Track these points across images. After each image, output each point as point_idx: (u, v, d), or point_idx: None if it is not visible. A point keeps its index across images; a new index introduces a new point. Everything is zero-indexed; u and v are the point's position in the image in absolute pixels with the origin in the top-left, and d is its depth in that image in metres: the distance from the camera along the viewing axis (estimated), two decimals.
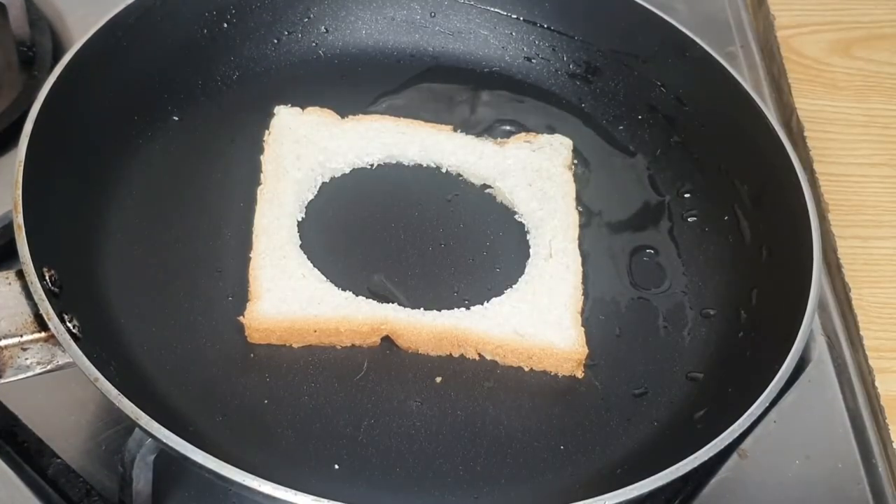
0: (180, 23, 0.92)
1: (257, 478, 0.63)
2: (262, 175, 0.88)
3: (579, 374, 0.81)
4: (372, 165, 0.92)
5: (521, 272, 0.86)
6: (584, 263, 0.86)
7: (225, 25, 0.95)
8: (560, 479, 0.76)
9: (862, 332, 0.89)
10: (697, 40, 0.94)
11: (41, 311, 0.69)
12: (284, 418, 0.76)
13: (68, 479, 0.76)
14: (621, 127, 0.98)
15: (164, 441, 0.65)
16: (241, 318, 0.79)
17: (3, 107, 0.96)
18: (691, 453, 0.69)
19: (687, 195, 0.94)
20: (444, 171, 0.93)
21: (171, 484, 0.77)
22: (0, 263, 0.83)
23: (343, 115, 0.94)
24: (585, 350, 0.81)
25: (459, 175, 0.92)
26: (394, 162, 0.93)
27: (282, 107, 0.93)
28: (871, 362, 0.88)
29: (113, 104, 0.87)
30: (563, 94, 1.00)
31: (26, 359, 0.70)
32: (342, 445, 0.75)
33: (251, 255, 0.83)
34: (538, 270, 0.85)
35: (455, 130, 0.95)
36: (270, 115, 0.92)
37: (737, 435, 0.71)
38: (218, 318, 0.80)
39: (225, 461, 0.64)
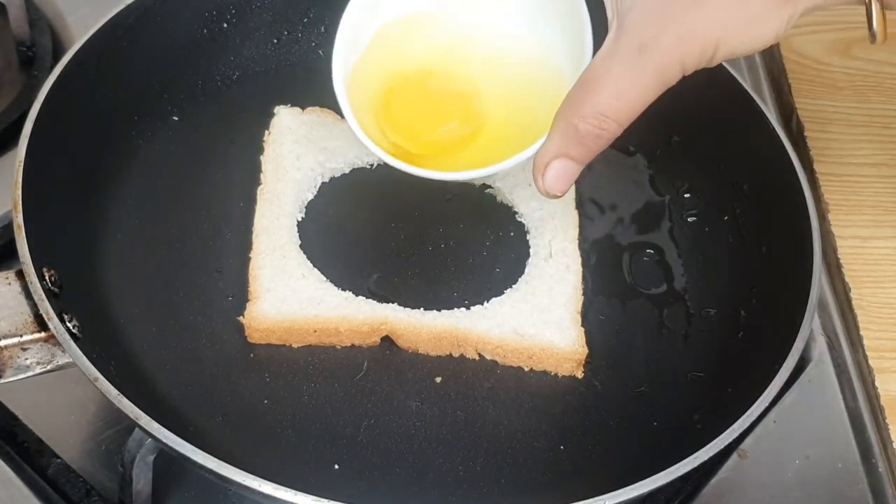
0: (180, 23, 0.92)
1: (257, 478, 0.63)
2: (262, 175, 0.88)
3: (579, 374, 0.81)
4: (372, 165, 0.92)
5: (521, 272, 0.85)
6: (584, 263, 0.87)
7: (225, 25, 0.95)
8: (560, 479, 0.76)
9: (862, 332, 0.89)
10: None
11: (41, 311, 0.69)
12: (284, 418, 0.76)
13: (68, 479, 0.76)
14: None
15: (164, 441, 0.65)
16: (241, 318, 0.79)
17: (3, 107, 0.96)
18: (691, 453, 0.69)
19: (687, 195, 0.94)
20: None
21: (171, 484, 0.77)
22: (0, 263, 0.83)
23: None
24: (585, 350, 0.81)
25: None
26: None
27: (282, 107, 0.93)
28: (871, 362, 0.88)
29: (113, 104, 0.87)
30: None
31: (26, 359, 0.70)
32: (342, 445, 0.75)
33: (251, 255, 0.83)
34: (538, 270, 0.85)
35: None
36: (270, 115, 0.92)
37: (737, 435, 0.71)
38: (218, 318, 0.80)
39: (225, 461, 0.64)
